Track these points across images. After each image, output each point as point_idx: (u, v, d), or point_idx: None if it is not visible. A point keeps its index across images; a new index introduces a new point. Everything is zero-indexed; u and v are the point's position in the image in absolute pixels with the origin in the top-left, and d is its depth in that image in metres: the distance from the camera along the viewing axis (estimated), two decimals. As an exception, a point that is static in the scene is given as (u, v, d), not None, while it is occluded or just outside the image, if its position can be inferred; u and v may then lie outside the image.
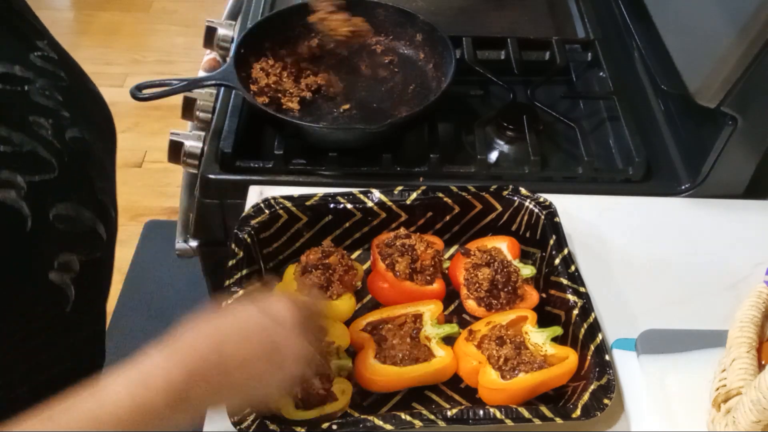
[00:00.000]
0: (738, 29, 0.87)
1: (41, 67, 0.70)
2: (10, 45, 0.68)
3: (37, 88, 0.67)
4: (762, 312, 0.79)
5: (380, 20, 1.21)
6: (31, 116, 0.65)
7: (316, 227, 0.92)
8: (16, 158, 0.61)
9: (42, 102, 0.67)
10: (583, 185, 1.05)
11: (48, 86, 0.69)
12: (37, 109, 0.66)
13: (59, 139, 0.67)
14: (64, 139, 0.67)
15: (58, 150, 0.66)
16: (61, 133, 0.67)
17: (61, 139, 0.67)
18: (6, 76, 0.65)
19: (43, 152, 0.64)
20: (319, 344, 0.65)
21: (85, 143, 0.70)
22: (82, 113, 0.73)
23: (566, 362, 0.78)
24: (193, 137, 1.12)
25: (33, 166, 0.62)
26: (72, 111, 0.70)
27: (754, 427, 0.68)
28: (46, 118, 0.66)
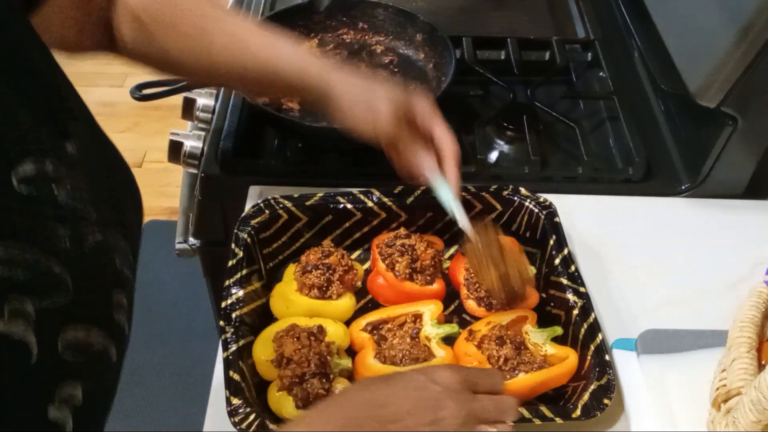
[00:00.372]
0: (738, 29, 0.87)
1: (74, 156, 0.65)
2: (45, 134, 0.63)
3: (66, 185, 0.62)
4: (762, 312, 0.79)
5: (380, 20, 1.21)
6: (52, 224, 0.60)
7: (316, 227, 0.92)
8: (28, 281, 0.56)
9: (68, 203, 0.62)
10: (583, 185, 1.05)
11: (78, 181, 0.64)
12: (59, 214, 0.61)
13: (77, 248, 0.62)
14: (83, 247, 0.62)
15: (74, 262, 0.61)
16: (81, 239, 0.62)
17: (79, 249, 0.62)
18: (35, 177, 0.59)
19: (57, 269, 0.59)
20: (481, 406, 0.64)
21: (107, 247, 0.66)
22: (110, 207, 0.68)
23: (566, 362, 0.78)
24: (193, 137, 1.12)
25: (45, 289, 0.58)
26: (98, 207, 0.65)
27: (754, 427, 0.68)
28: (67, 224, 0.61)
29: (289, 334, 0.78)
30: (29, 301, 0.55)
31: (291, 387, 0.74)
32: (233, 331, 0.78)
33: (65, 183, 0.62)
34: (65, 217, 0.62)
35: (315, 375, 0.74)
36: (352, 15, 1.22)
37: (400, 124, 0.81)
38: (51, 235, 0.60)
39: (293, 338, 0.77)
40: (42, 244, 0.58)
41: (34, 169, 0.59)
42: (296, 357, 0.75)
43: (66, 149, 0.64)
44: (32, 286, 0.56)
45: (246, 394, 0.73)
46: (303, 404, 0.73)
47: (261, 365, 0.78)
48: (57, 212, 0.61)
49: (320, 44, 1.19)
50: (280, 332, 0.78)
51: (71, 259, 0.60)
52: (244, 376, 0.75)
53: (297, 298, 0.84)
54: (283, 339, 0.77)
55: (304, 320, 0.81)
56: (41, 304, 0.56)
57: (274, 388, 0.76)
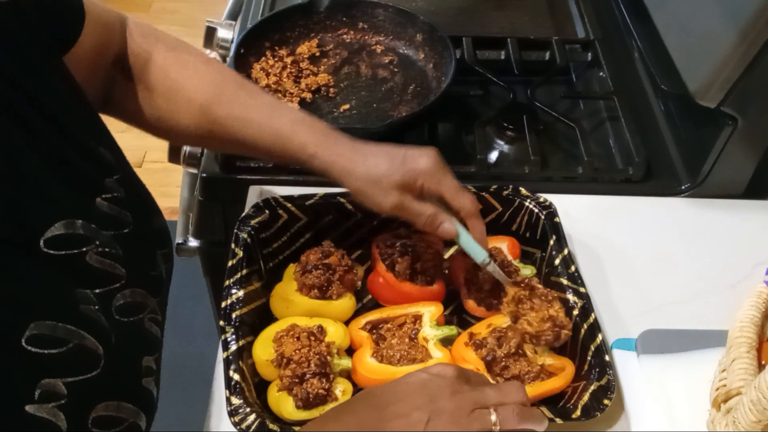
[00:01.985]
0: (738, 29, 0.87)
1: (106, 214, 0.65)
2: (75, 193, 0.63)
3: (97, 245, 0.62)
4: (762, 312, 0.79)
5: (380, 20, 1.21)
6: (81, 290, 0.59)
7: (316, 227, 0.92)
8: (60, 359, 0.55)
9: (97, 265, 0.61)
10: (583, 185, 1.05)
11: (109, 240, 0.63)
12: (88, 278, 0.61)
13: (107, 313, 0.61)
14: (111, 311, 0.62)
15: (105, 331, 0.60)
16: (109, 303, 0.62)
17: (108, 314, 0.61)
18: (64, 239, 0.59)
19: (89, 342, 0.58)
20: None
21: (136, 308, 0.65)
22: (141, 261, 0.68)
23: (562, 375, 0.78)
24: (193, 137, 1.12)
25: (77, 365, 0.57)
26: (129, 265, 0.65)
27: (754, 427, 0.68)
28: (94, 289, 0.61)
29: (289, 334, 0.78)
30: (60, 381, 0.54)
31: (291, 387, 0.74)
32: (233, 331, 0.78)
33: (94, 243, 0.61)
34: (93, 280, 0.61)
35: (315, 375, 0.74)
36: (352, 15, 1.22)
37: (402, 197, 0.78)
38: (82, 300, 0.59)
39: (293, 338, 0.77)
40: (74, 316, 0.57)
41: (63, 231, 0.59)
42: (296, 357, 0.75)
43: (98, 207, 0.64)
44: (64, 363, 0.55)
45: (246, 394, 0.73)
46: (303, 404, 0.74)
47: (261, 365, 0.78)
48: (85, 276, 0.60)
49: (320, 44, 1.19)
50: (280, 332, 0.79)
51: (102, 329, 0.59)
52: (244, 376, 0.75)
53: (297, 298, 0.84)
54: (283, 339, 0.78)
55: (304, 320, 0.81)
56: (74, 380, 0.55)
57: (274, 388, 0.76)
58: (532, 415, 0.63)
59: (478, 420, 0.60)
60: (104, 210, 0.65)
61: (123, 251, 0.64)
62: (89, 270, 0.61)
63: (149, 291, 0.68)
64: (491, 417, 0.60)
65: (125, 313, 0.63)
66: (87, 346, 0.57)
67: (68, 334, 0.56)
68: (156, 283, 0.71)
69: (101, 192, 0.65)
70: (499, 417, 0.61)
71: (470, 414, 0.60)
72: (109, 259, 0.63)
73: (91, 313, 0.59)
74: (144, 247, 0.70)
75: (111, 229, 0.64)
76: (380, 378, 0.78)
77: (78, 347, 0.57)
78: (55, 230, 0.58)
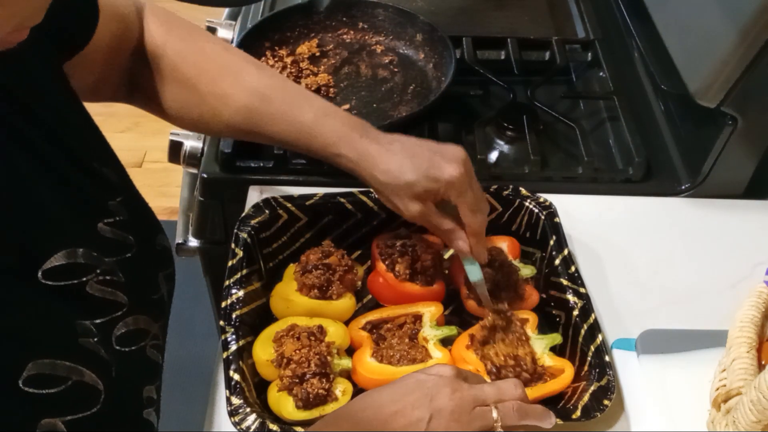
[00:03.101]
0: (738, 29, 0.87)
1: (108, 239, 0.63)
2: (78, 218, 0.61)
3: (99, 273, 0.60)
4: (762, 312, 0.79)
5: (380, 20, 1.21)
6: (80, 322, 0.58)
7: (316, 227, 0.92)
8: (59, 398, 0.53)
9: (98, 295, 0.60)
10: (583, 185, 1.05)
11: (110, 267, 0.61)
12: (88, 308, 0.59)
13: (106, 343, 0.59)
14: (111, 341, 0.60)
15: (104, 363, 0.58)
16: (110, 333, 0.60)
17: (108, 344, 0.59)
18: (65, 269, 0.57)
19: (88, 377, 0.56)
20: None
21: (137, 335, 0.63)
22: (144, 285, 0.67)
23: (562, 377, 0.78)
24: (193, 137, 1.11)
25: (77, 403, 0.55)
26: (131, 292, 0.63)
27: (754, 427, 0.68)
28: (95, 319, 0.59)
29: (289, 334, 0.78)
30: (60, 421, 0.53)
31: (291, 387, 0.74)
32: (233, 331, 0.78)
33: (95, 271, 0.59)
34: (94, 310, 0.59)
35: (315, 375, 0.74)
36: (352, 15, 1.22)
37: (425, 206, 0.79)
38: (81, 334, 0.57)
39: (293, 338, 0.77)
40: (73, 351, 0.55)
41: (64, 261, 0.57)
42: (296, 357, 0.75)
43: (100, 233, 0.62)
44: (64, 402, 0.54)
45: (246, 394, 0.73)
46: (303, 404, 0.74)
47: (261, 365, 0.78)
48: (85, 306, 0.58)
49: (320, 44, 1.19)
50: (280, 332, 0.79)
51: (102, 362, 0.57)
52: (244, 376, 0.75)
53: (297, 298, 0.84)
54: (283, 339, 0.78)
55: (304, 320, 0.81)
56: (73, 418, 0.54)
57: (274, 388, 0.76)
58: (532, 411, 0.63)
59: (479, 417, 0.60)
60: (107, 235, 0.63)
61: (125, 277, 0.63)
62: (90, 300, 0.59)
63: (151, 316, 0.67)
64: (492, 414, 0.61)
65: (126, 342, 0.62)
66: (86, 383, 0.56)
67: (67, 371, 0.54)
68: (158, 306, 0.70)
69: (104, 216, 0.63)
70: (500, 414, 0.61)
71: (471, 412, 0.60)
72: (111, 287, 0.61)
73: (90, 345, 0.57)
74: (146, 270, 0.69)
75: (113, 255, 0.62)
76: (380, 378, 0.78)
77: (77, 384, 0.55)
78: (55, 261, 0.56)
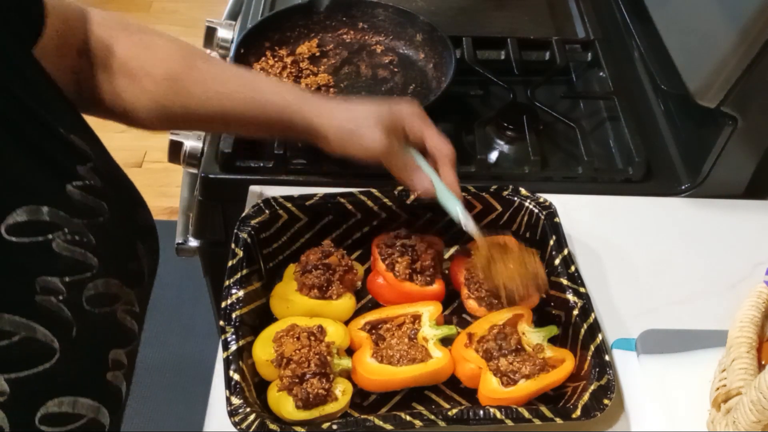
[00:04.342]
0: (738, 29, 0.87)
1: (78, 201, 0.62)
2: (42, 179, 0.60)
3: (66, 233, 0.59)
4: (762, 312, 0.79)
5: (380, 20, 1.21)
6: (42, 279, 0.56)
7: (316, 227, 0.92)
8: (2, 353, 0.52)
9: (65, 254, 0.58)
10: (583, 185, 1.05)
11: (80, 229, 0.60)
12: (52, 267, 0.57)
13: (73, 304, 0.58)
14: (80, 303, 0.59)
15: (65, 324, 0.57)
16: (78, 294, 0.59)
17: (75, 305, 0.58)
18: (26, 225, 0.56)
19: (42, 333, 0.55)
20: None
21: (109, 300, 0.62)
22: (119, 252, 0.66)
23: (563, 367, 0.78)
24: (193, 137, 1.12)
25: (23, 360, 0.53)
26: (104, 255, 0.62)
27: (754, 427, 0.68)
28: (62, 277, 0.58)
29: (289, 334, 0.78)
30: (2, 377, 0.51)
31: (291, 387, 0.74)
32: (233, 331, 0.78)
33: (62, 230, 0.59)
34: (61, 268, 0.58)
35: (315, 375, 0.74)
36: (352, 15, 1.22)
37: (390, 140, 0.80)
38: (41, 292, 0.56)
39: (293, 338, 0.77)
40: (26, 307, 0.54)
41: (26, 217, 0.56)
42: (296, 357, 0.75)
43: (68, 195, 0.61)
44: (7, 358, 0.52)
45: (246, 394, 0.73)
46: (303, 404, 0.74)
47: (261, 365, 0.78)
48: (48, 266, 0.57)
49: (320, 44, 1.19)
50: (280, 332, 0.79)
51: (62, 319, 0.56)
52: (244, 376, 0.75)
53: (297, 298, 0.84)
54: (283, 339, 0.78)
55: (304, 320, 0.81)
56: (18, 375, 0.52)
57: (274, 388, 0.76)
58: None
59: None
60: (75, 197, 0.62)
61: (96, 240, 0.62)
62: (57, 258, 0.58)
63: (125, 282, 0.65)
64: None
65: (96, 303, 0.60)
66: (37, 339, 0.54)
67: (16, 326, 0.53)
68: (135, 276, 0.68)
69: (72, 179, 0.62)
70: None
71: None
72: (80, 247, 0.60)
73: (50, 304, 0.56)
74: (122, 238, 0.67)
75: (82, 217, 0.61)
76: (380, 378, 0.78)
77: (25, 340, 0.53)
78: (17, 216, 0.56)
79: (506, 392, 0.76)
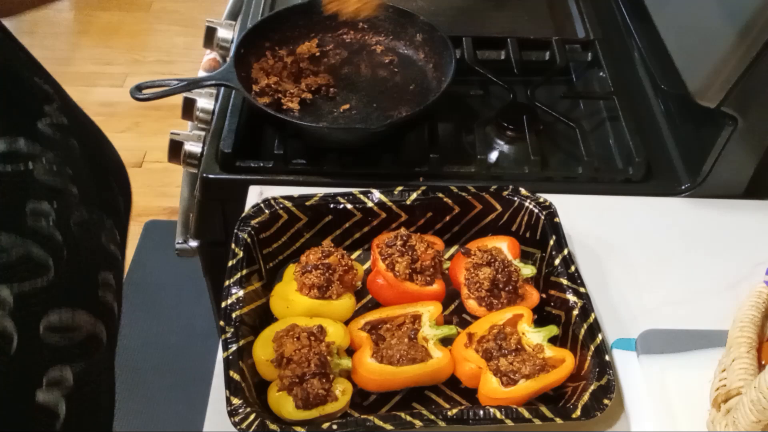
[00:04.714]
0: (738, 29, 0.87)
1: (50, 137, 0.64)
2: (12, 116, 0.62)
3: (44, 164, 0.61)
4: (762, 312, 0.79)
5: (380, 20, 1.21)
6: (31, 203, 0.59)
7: (316, 227, 0.92)
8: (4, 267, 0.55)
9: (47, 181, 0.61)
10: (583, 185, 1.05)
11: (57, 160, 0.63)
12: (39, 192, 0.60)
13: (62, 226, 0.61)
14: (68, 226, 0.62)
15: (57, 244, 0.60)
16: (66, 218, 0.62)
17: (64, 227, 0.61)
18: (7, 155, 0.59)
19: (37, 251, 0.58)
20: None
21: (93, 225, 0.65)
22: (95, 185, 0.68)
23: (563, 366, 0.78)
24: (193, 137, 1.12)
25: (24, 272, 0.56)
26: (82, 185, 0.65)
27: (754, 427, 0.68)
28: (49, 201, 0.60)
29: (289, 334, 0.78)
30: (5, 287, 0.54)
31: (291, 387, 0.74)
32: (233, 331, 0.78)
33: (41, 160, 0.61)
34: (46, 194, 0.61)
35: (315, 375, 0.74)
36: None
37: None
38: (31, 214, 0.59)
39: (293, 338, 0.77)
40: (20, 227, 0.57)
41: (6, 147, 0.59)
42: (296, 357, 0.75)
43: (39, 129, 0.64)
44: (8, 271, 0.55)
45: (246, 394, 0.73)
46: (303, 404, 0.74)
47: (261, 365, 0.78)
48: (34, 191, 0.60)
49: (320, 44, 1.19)
50: (280, 332, 0.79)
51: (54, 242, 0.59)
52: (244, 376, 0.75)
53: (297, 298, 0.84)
54: (283, 339, 0.78)
55: (304, 320, 0.81)
56: (20, 289, 0.55)
57: (274, 388, 0.76)
58: None
59: None
60: (47, 133, 0.64)
61: (72, 172, 0.64)
62: (41, 185, 0.61)
63: (105, 211, 0.68)
64: None
65: (82, 227, 0.63)
66: (32, 256, 0.57)
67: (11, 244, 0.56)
68: (112, 206, 0.71)
69: (41, 116, 0.65)
70: None
71: None
72: (59, 177, 0.62)
73: (40, 227, 0.59)
74: (94, 171, 0.70)
75: (57, 150, 0.64)
76: (380, 378, 0.78)
77: (22, 257, 0.56)
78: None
79: (506, 392, 0.76)
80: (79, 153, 0.67)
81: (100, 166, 0.72)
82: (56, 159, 0.63)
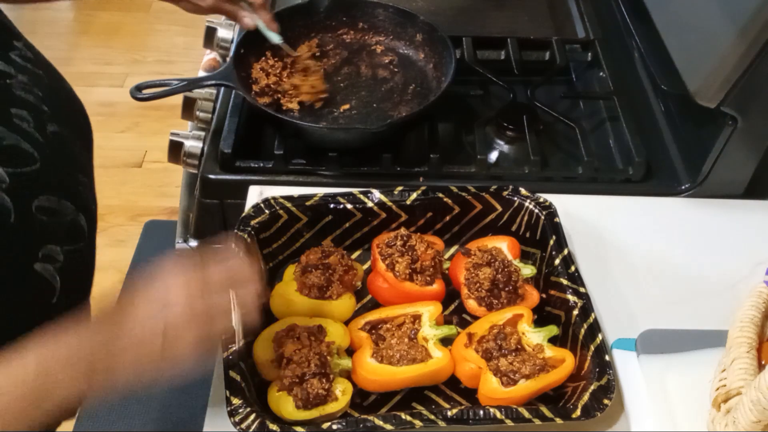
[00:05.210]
0: (738, 29, 0.87)
1: (21, 64, 0.73)
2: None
3: (19, 82, 0.71)
4: (762, 312, 0.79)
5: (380, 20, 1.21)
6: (13, 109, 0.68)
7: (316, 227, 0.92)
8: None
9: (23, 96, 0.70)
10: (583, 185, 1.05)
11: (28, 82, 0.72)
12: (18, 102, 0.69)
13: (41, 131, 0.70)
14: (46, 133, 0.70)
15: (39, 143, 0.69)
16: (43, 126, 0.70)
17: (42, 132, 0.70)
18: None
19: (24, 145, 0.67)
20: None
21: (65, 138, 0.73)
22: (61, 110, 0.76)
23: (563, 366, 0.78)
24: (193, 137, 1.12)
25: (15, 159, 0.66)
26: (51, 107, 0.73)
27: (754, 427, 0.68)
28: (28, 111, 0.69)
29: (289, 334, 0.78)
30: (1, 168, 0.64)
31: (291, 387, 0.74)
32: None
33: (16, 78, 0.70)
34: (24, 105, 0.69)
35: (315, 375, 0.74)
36: (352, 15, 1.22)
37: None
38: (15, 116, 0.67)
39: (293, 338, 0.77)
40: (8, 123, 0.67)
41: None
42: (296, 357, 0.75)
43: (11, 57, 0.72)
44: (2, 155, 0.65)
45: (246, 394, 0.73)
46: (303, 404, 0.74)
47: (261, 365, 0.78)
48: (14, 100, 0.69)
49: (320, 44, 1.19)
50: (280, 332, 0.79)
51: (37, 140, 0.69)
52: (244, 376, 0.75)
53: (297, 298, 0.84)
54: (283, 339, 0.78)
55: (304, 320, 0.81)
56: (14, 170, 0.65)
57: (274, 388, 0.76)
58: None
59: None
60: (19, 61, 0.72)
61: (42, 94, 0.72)
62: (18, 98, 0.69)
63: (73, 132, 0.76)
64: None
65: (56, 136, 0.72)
66: (21, 147, 0.67)
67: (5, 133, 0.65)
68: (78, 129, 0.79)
69: (12, 49, 0.73)
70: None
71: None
72: (32, 95, 0.71)
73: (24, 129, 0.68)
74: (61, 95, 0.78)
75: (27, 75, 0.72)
76: (380, 378, 0.78)
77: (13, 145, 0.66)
78: None
79: (506, 392, 0.76)
80: (46, 82, 0.75)
81: (64, 92, 0.80)
82: (28, 81, 0.72)
